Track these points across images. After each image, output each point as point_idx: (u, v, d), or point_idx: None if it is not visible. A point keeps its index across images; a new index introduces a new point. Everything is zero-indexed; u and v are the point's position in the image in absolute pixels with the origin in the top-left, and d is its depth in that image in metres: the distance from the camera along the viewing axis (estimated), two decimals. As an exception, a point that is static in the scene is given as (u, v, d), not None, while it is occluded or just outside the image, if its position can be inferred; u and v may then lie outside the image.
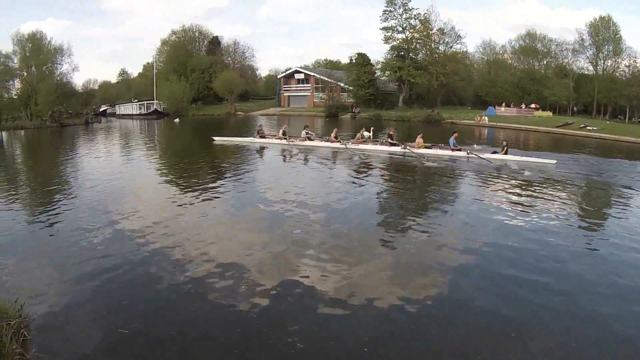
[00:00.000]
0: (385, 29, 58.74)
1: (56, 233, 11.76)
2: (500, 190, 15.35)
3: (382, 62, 60.75)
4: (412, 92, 60.33)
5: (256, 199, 14.46)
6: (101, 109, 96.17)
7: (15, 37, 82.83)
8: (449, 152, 22.11)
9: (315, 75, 70.87)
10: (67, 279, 8.56)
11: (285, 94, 75.36)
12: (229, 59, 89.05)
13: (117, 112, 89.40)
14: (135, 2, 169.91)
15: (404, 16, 58.26)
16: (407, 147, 22.79)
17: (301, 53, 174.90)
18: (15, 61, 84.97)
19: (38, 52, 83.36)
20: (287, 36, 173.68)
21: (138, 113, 79.32)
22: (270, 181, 17.24)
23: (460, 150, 22.10)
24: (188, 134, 34.92)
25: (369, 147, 24.10)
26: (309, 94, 70.18)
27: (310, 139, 26.07)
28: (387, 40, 59.14)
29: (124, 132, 48.11)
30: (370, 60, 60.57)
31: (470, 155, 21.52)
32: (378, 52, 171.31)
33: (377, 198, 14.58)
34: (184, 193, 15.71)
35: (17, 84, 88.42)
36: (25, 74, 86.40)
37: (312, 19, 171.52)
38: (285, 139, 26.28)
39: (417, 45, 60.03)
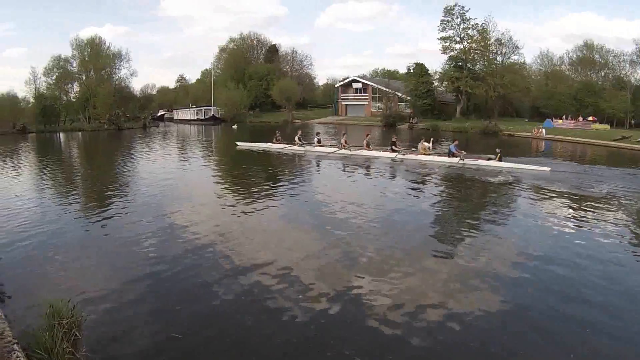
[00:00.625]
0: (443, 39, 59.66)
1: (111, 233, 12.42)
2: (549, 202, 15.45)
3: (440, 72, 61.60)
4: (470, 103, 60.94)
5: (311, 207, 14.88)
6: (159, 114, 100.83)
7: (74, 42, 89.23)
8: (444, 159, 23.92)
9: (373, 84, 72.30)
10: (121, 281, 8.90)
11: (343, 103, 76.75)
12: (287, 67, 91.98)
13: (175, 117, 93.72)
14: (193, 9, 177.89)
15: (462, 26, 59.14)
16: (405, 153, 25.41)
17: (359, 62, 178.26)
18: (75, 65, 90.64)
19: (97, 56, 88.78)
20: (345, 45, 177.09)
21: (195, 118, 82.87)
22: (326, 189, 17.63)
23: (454, 156, 23.51)
24: (245, 140, 36.04)
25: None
26: (367, 103, 71.56)
27: (320, 144, 28.81)
28: (444, 50, 59.99)
29: (181, 136, 49.69)
30: (428, 70, 61.41)
31: (465, 161, 22.83)
32: (436, 62, 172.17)
33: (431, 209, 14.70)
34: (239, 199, 16.38)
35: (76, 87, 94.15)
36: (84, 77, 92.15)
37: (370, 28, 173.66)
38: (301, 144, 29.10)
39: (475, 56, 60.71)
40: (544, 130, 45.18)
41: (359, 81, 75.35)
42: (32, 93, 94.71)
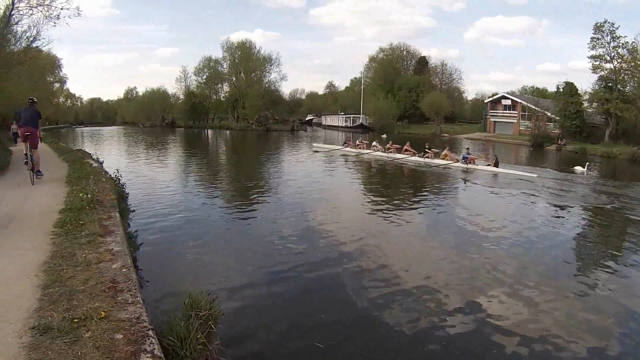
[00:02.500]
0: (592, 57, 58.08)
1: (251, 231, 13.46)
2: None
3: (590, 92, 60.03)
4: (619, 126, 58.43)
5: (451, 221, 15.52)
6: (307, 118, 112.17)
7: (225, 45, 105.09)
8: (450, 162, 30.27)
9: (522, 102, 73.53)
10: (258, 279, 9.50)
11: (491, 119, 77.86)
12: (437, 79, 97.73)
13: (323, 123, 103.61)
14: (343, 19, 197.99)
15: (612, 44, 57.03)
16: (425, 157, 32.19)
17: (507, 78, 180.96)
18: (225, 66, 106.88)
19: (247, 59, 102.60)
20: (494, 60, 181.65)
21: (344, 125, 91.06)
22: (472, 205, 18.15)
23: (458, 161, 30.07)
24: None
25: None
26: (515, 121, 72.87)
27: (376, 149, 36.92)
28: (594, 69, 58.34)
29: (329, 142, 50.72)
30: (577, 90, 60.65)
31: (469, 165, 28.91)
32: (585, 82, 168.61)
33: (577, 233, 14.72)
34: (380, 208, 17.29)
35: (226, 87, 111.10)
36: (234, 79, 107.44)
37: (519, 44, 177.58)
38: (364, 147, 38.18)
39: (625, 77, 58.32)
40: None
41: (508, 98, 76.50)
42: (182, 90, 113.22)
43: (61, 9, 19.90)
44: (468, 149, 33.07)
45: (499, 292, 9.18)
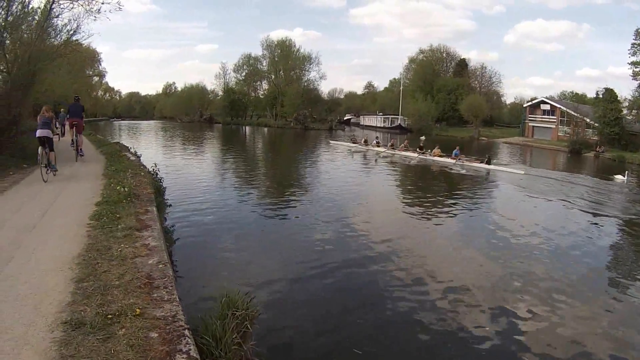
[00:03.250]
0: (633, 63, 57.39)
1: (287, 231, 13.67)
2: None
3: (629, 99, 59.57)
4: None
5: (483, 225, 15.76)
6: (345, 118, 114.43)
7: (264, 43, 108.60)
8: (448, 160, 34.79)
9: (562, 107, 72.46)
10: (295, 279, 9.67)
11: (530, 124, 77.22)
12: (476, 82, 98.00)
13: (361, 123, 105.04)
14: (383, 19, 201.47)
15: None
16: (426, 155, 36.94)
17: (547, 83, 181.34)
18: (264, 64, 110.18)
19: (286, 57, 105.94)
20: (533, 64, 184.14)
21: (382, 126, 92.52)
22: (504, 210, 18.30)
23: (449, 157, 34.97)
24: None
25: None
26: (554, 126, 72.20)
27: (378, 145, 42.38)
28: (635, 76, 57.77)
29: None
30: (617, 96, 60.06)
31: (463, 163, 33.21)
32: (625, 88, 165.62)
33: (613, 244, 14.63)
34: (415, 210, 17.57)
35: (265, 85, 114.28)
36: (273, 76, 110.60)
37: (558, 48, 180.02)
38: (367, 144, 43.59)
39: None
40: None
41: (547, 103, 75.90)
42: (221, 86, 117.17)
43: (102, 3, 20.07)
44: (458, 147, 36.56)
45: (530, 300, 9.32)
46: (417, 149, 38.70)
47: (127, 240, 7.46)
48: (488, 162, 32.88)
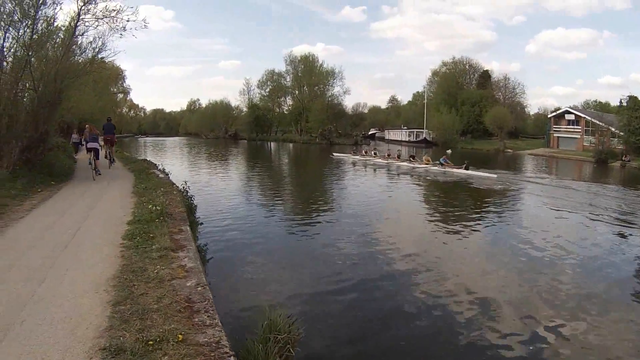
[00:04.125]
0: None
1: (317, 247, 13.77)
2: None
3: None
4: None
5: (510, 238, 15.75)
6: (370, 132, 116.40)
7: (288, 58, 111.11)
8: (426, 166, 39.16)
9: (586, 117, 72.23)
10: (333, 300, 9.77)
11: (554, 135, 77.04)
12: (499, 94, 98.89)
13: (386, 137, 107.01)
14: (404, 33, 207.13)
15: None
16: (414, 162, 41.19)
17: (570, 92, 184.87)
18: (288, 80, 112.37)
19: (310, 73, 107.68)
20: (556, 74, 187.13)
21: (407, 140, 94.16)
22: (530, 222, 18.31)
23: (436, 164, 38.69)
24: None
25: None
26: (579, 136, 71.66)
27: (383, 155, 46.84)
28: None
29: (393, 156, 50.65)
30: None
31: (446, 169, 36.84)
32: None
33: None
34: (439, 224, 17.55)
35: (289, 100, 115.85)
36: (297, 92, 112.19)
37: (580, 57, 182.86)
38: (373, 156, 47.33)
39: None
40: None
41: (572, 113, 75.90)
42: (245, 103, 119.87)
43: (127, 20, 20.41)
44: (445, 155, 41.62)
45: (558, 314, 9.25)
46: (410, 158, 44.17)
47: (162, 261, 7.40)
48: (467, 168, 36.67)
